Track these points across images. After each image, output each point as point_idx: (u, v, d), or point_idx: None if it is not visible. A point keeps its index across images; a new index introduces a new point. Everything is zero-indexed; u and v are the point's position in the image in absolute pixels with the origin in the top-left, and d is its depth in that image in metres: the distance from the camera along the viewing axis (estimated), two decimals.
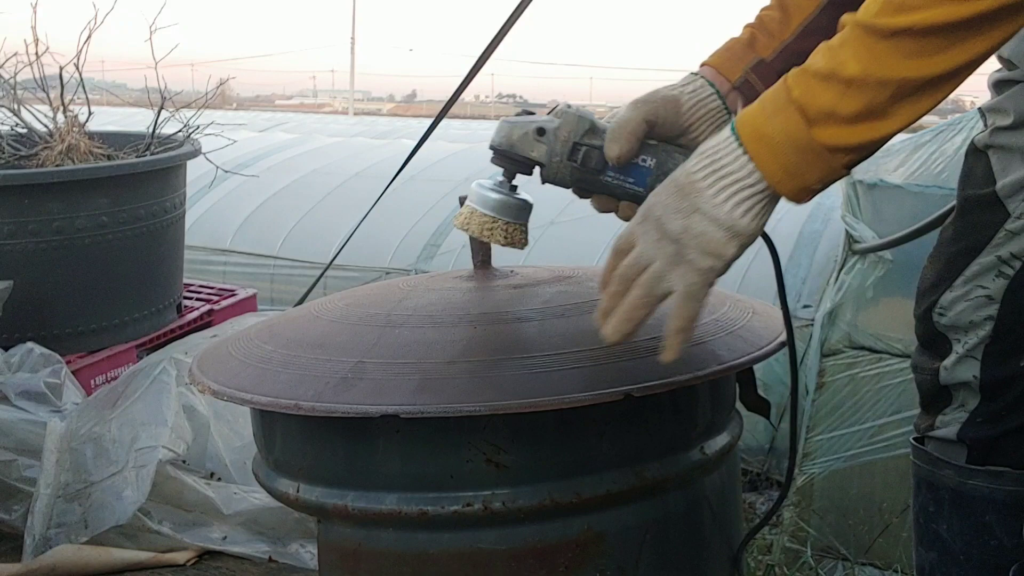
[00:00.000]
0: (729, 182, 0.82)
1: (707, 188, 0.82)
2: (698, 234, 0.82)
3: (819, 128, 0.79)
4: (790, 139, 0.79)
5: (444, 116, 2.17)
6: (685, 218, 0.82)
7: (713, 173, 0.82)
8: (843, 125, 0.78)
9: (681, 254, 0.82)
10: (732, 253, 0.83)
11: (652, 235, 0.84)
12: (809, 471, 3.13)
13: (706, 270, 0.83)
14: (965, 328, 1.20)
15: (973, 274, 1.19)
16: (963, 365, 1.21)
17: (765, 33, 1.11)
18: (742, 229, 0.82)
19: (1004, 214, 1.16)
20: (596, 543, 0.97)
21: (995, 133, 1.16)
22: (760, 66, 1.10)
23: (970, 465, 1.22)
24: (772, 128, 0.80)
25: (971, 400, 1.22)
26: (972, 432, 1.22)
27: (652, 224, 0.84)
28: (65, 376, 1.90)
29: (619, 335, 0.85)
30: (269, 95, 41.88)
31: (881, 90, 0.77)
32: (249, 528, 1.73)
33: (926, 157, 3.05)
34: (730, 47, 1.11)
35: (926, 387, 1.27)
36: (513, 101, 46.24)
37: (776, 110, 0.80)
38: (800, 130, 0.79)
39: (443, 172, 5.59)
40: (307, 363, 0.99)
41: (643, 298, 0.84)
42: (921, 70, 0.77)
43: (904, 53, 0.76)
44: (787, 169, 0.80)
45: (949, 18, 0.75)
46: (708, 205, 0.82)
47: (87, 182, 2.02)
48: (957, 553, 1.24)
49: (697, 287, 0.83)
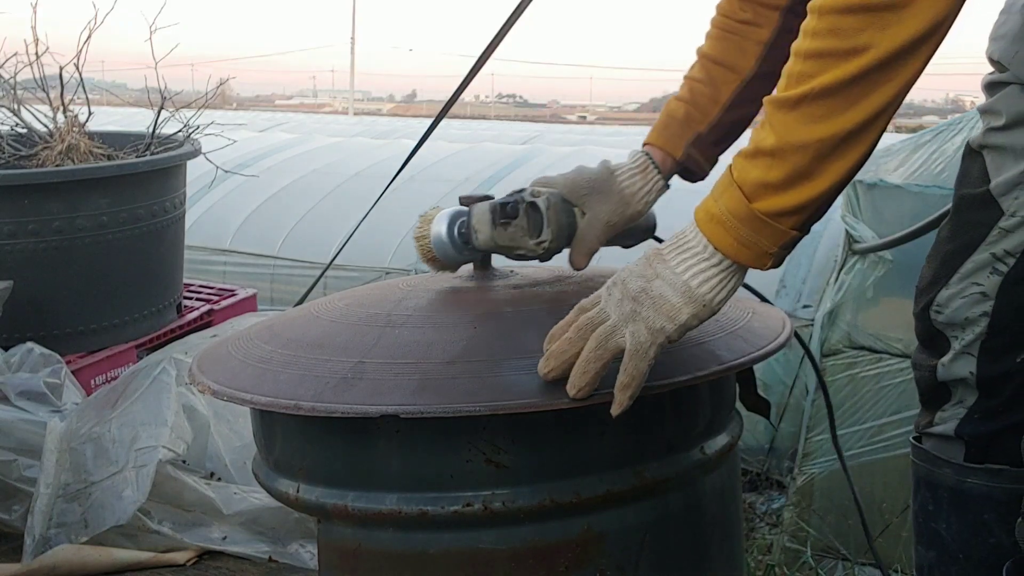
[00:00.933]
0: (690, 255, 0.88)
1: (671, 260, 0.89)
2: (656, 296, 0.87)
3: (757, 201, 0.85)
4: (735, 214, 0.86)
5: (444, 116, 2.16)
6: (647, 282, 0.88)
7: (676, 248, 0.89)
8: (776, 193, 0.85)
9: (637, 312, 0.87)
10: (685, 318, 0.87)
11: (615, 295, 0.89)
12: (809, 471, 3.13)
13: (657, 330, 0.87)
14: (962, 325, 1.21)
15: (968, 271, 1.20)
16: (960, 361, 1.22)
17: (697, 108, 1.20)
18: (697, 297, 0.87)
19: (998, 212, 1.17)
20: (596, 543, 0.97)
21: (988, 133, 1.18)
22: (698, 141, 1.20)
23: (968, 463, 1.23)
24: (719, 208, 0.87)
25: (969, 396, 1.23)
26: (970, 428, 1.22)
27: (618, 287, 0.90)
28: (65, 376, 1.90)
29: (576, 389, 0.88)
30: (269, 95, 41.89)
31: (802, 154, 0.83)
32: (249, 528, 1.73)
33: (926, 157, 3.05)
34: (668, 125, 1.21)
35: (925, 384, 1.28)
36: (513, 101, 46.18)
37: (722, 192, 0.88)
38: (742, 205, 0.86)
39: (443, 172, 5.59)
40: (307, 363, 0.99)
41: (596, 350, 0.87)
42: (831, 129, 0.83)
43: (812, 118, 0.83)
44: (740, 241, 0.87)
45: (840, 78, 0.81)
46: (669, 272, 0.88)
47: (87, 182, 2.02)
48: (956, 552, 1.25)
49: (646, 346, 0.87)
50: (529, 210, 1.09)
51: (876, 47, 0.80)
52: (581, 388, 0.87)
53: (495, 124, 12.77)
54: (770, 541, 3.22)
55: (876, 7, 0.79)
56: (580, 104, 50.52)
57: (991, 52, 1.21)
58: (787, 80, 0.84)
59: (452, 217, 1.12)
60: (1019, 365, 1.20)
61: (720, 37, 1.22)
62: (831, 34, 0.81)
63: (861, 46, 0.80)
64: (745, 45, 1.21)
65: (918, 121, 21.58)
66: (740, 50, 1.21)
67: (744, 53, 1.21)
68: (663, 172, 1.20)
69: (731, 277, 0.88)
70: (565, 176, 1.15)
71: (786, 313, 1.14)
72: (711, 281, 0.87)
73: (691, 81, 1.23)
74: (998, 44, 1.19)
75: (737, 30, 1.21)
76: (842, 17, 0.80)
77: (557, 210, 1.09)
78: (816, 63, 0.82)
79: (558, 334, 0.90)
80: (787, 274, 4.04)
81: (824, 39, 0.81)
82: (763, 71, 1.21)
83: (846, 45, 0.81)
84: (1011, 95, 1.17)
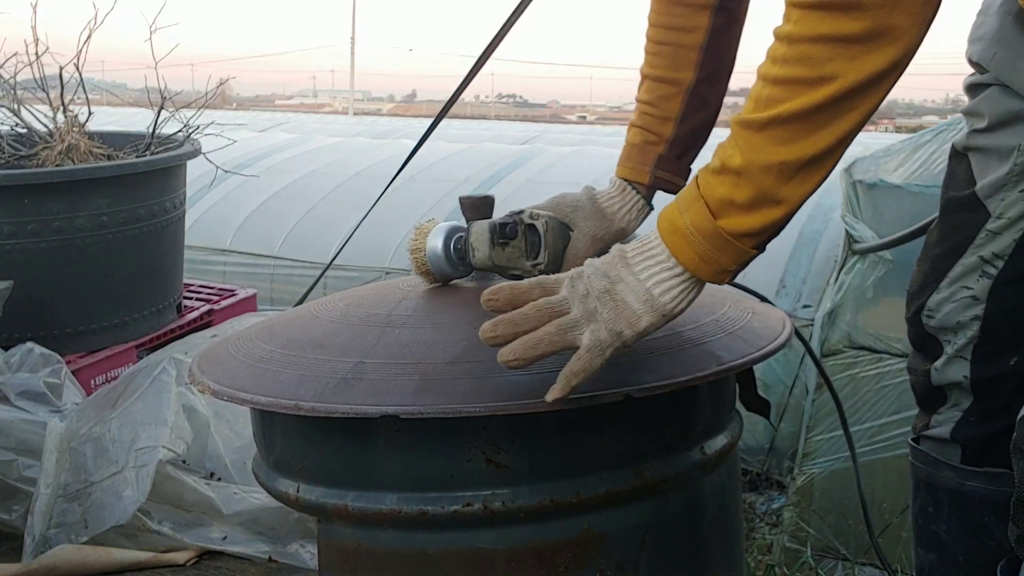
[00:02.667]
0: (653, 263, 0.89)
1: (635, 264, 0.89)
2: (619, 300, 0.88)
3: (723, 218, 0.86)
4: (700, 230, 0.87)
5: (444, 116, 2.16)
6: (610, 283, 0.89)
7: (641, 253, 0.90)
8: (742, 213, 0.86)
9: (599, 312, 0.88)
10: (644, 326, 0.88)
11: (580, 289, 0.89)
12: (809, 471, 3.13)
13: (616, 333, 0.88)
14: (953, 329, 1.21)
15: (957, 275, 1.20)
16: (953, 366, 1.22)
17: (651, 131, 1.23)
18: (659, 307, 0.88)
19: (985, 214, 1.17)
20: (596, 543, 0.98)
21: (972, 135, 1.19)
22: (661, 162, 1.22)
23: (965, 465, 1.23)
24: (684, 222, 0.88)
25: (964, 400, 1.23)
26: (966, 431, 1.22)
27: (583, 281, 0.90)
28: (65, 376, 1.90)
29: (516, 358, 0.87)
30: (269, 95, 41.92)
31: (766, 175, 0.85)
32: (249, 528, 1.73)
33: (926, 157, 3.05)
34: (630, 154, 1.23)
35: (920, 388, 1.28)
36: (513, 101, 46.20)
37: (687, 205, 0.88)
38: (707, 221, 0.87)
39: (443, 172, 5.59)
40: (307, 363, 0.99)
41: (553, 335, 0.87)
42: (796, 152, 0.84)
43: (778, 140, 0.84)
44: (702, 256, 0.88)
45: (807, 105, 0.83)
46: (632, 278, 0.89)
47: (87, 182, 2.02)
48: (956, 554, 1.25)
49: (604, 346, 0.87)
50: (527, 232, 1.10)
51: (843, 77, 0.82)
52: (520, 360, 0.87)
53: (495, 124, 12.77)
54: (770, 541, 3.22)
55: (846, 39, 0.81)
56: (580, 104, 50.50)
57: (970, 54, 1.21)
58: (755, 103, 0.85)
59: (448, 233, 1.12)
60: (1013, 368, 1.20)
61: (656, 51, 1.23)
62: (800, 62, 0.83)
63: (829, 75, 0.82)
64: (681, 54, 1.21)
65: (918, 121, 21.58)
66: (677, 60, 1.21)
67: (682, 62, 1.21)
68: (642, 195, 1.22)
69: (692, 288, 0.89)
70: (549, 200, 1.17)
71: (786, 313, 1.14)
72: (673, 291, 0.88)
73: (640, 104, 1.25)
74: (977, 46, 1.20)
75: (671, 39, 1.22)
76: (812, 46, 0.82)
77: (555, 234, 1.11)
78: (785, 89, 0.83)
79: (507, 293, 0.90)
80: (787, 274, 4.04)
81: (793, 66, 0.83)
82: (704, 76, 1.22)
83: (814, 73, 0.82)
84: (992, 96, 1.17)
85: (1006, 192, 1.15)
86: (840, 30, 0.81)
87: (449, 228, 1.13)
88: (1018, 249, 1.16)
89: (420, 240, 1.14)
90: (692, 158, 1.26)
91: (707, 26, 1.21)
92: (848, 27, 0.80)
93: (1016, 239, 1.16)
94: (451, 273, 1.13)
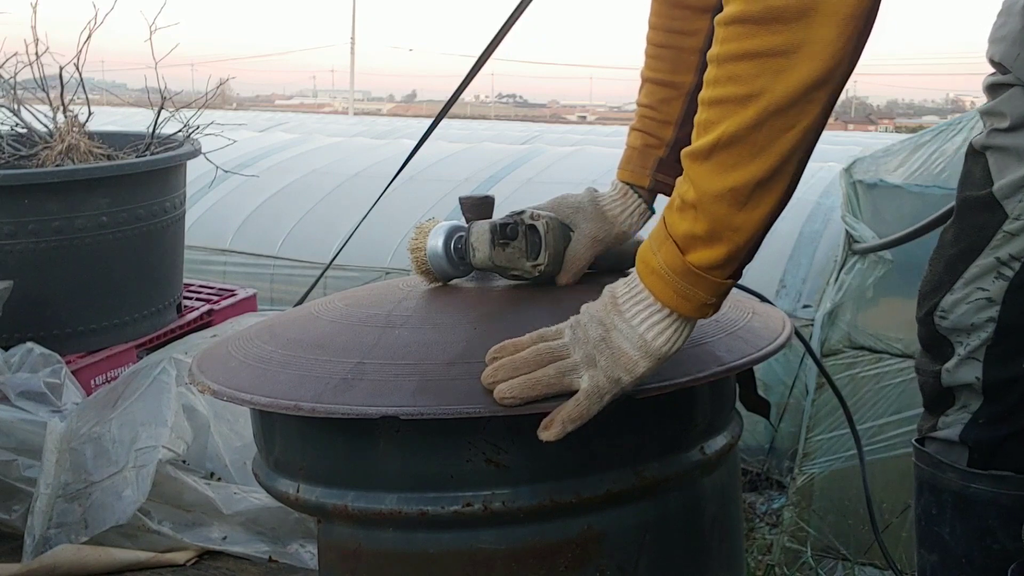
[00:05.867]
0: (643, 307, 0.89)
1: (626, 311, 0.90)
2: (615, 348, 0.88)
3: (690, 253, 0.86)
4: (672, 268, 0.87)
5: (444, 116, 2.17)
6: (606, 331, 0.89)
7: (632, 298, 0.90)
8: (705, 246, 0.86)
9: (596, 359, 0.89)
10: (642, 371, 0.88)
11: (579, 336, 0.90)
12: (809, 471, 3.13)
13: (615, 380, 0.88)
14: (967, 330, 1.21)
15: (972, 276, 1.19)
16: (965, 367, 1.21)
17: (652, 134, 1.22)
18: (654, 351, 0.88)
19: (1002, 215, 1.17)
20: (596, 543, 0.98)
21: (992, 135, 1.18)
22: (661, 165, 1.21)
23: (972, 468, 1.22)
24: (657, 262, 0.88)
25: (974, 402, 1.22)
26: (975, 434, 1.22)
27: (580, 329, 0.91)
28: (65, 376, 1.90)
29: (512, 396, 0.88)
30: (269, 95, 41.91)
31: (719, 205, 0.84)
32: (249, 528, 1.73)
33: (926, 157, 3.05)
34: (630, 157, 1.23)
35: (928, 389, 1.27)
36: (513, 101, 46.17)
37: (659, 245, 0.89)
38: (677, 259, 0.87)
39: (443, 172, 5.59)
40: (307, 364, 0.99)
41: (553, 377, 0.88)
42: (743, 177, 0.83)
43: (723, 167, 0.83)
44: (679, 294, 0.88)
45: (742, 124, 0.82)
46: (625, 325, 0.89)
47: (87, 182, 2.02)
48: (959, 556, 1.24)
49: (602, 391, 0.88)
50: (528, 232, 1.10)
51: (771, 91, 0.81)
52: (515, 398, 0.88)
53: (495, 124, 12.76)
54: (770, 541, 3.22)
55: (768, 53, 0.81)
56: (580, 104, 50.51)
57: (992, 54, 1.21)
58: (697, 130, 0.85)
59: (449, 232, 1.12)
60: None
61: (657, 55, 1.23)
62: (730, 81, 0.83)
63: (757, 91, 0.81)
64: (682, 57, 1.21)
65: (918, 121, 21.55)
66: (678, 64, 1.21)
67: (682, 66, 1.21)
68: (643, 199, 1.22)
69: (683, 328, 0.89)
70: (550, 201, 1.17)
71: (786, 313, 1.14)
72: (665, 334, 0.88)
73: (641, 108, 1.25)
74: (999, 46, 1.19)
75: (672, 43, 1.22)
76: (738, 64, 0.82)
77: (556, 235, 1.11)
78: (718, 110, 0.83)
79: (509, 349, 0.91)
80: (787, 274, 4.04)
81: (724, 86, 0.83)
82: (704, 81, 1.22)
83: (743, 91, 0.82)
84: (1015, 97, 1.17)
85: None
86: (762, 45, 0.80)
87: (449, 228, 1.13)
88: None
89: (420, 239, 1.14)
90: None
91: (708, 30, 1.21)
92: (769, 41, 0.80)
93: None
94: (451, 273, 1.13)
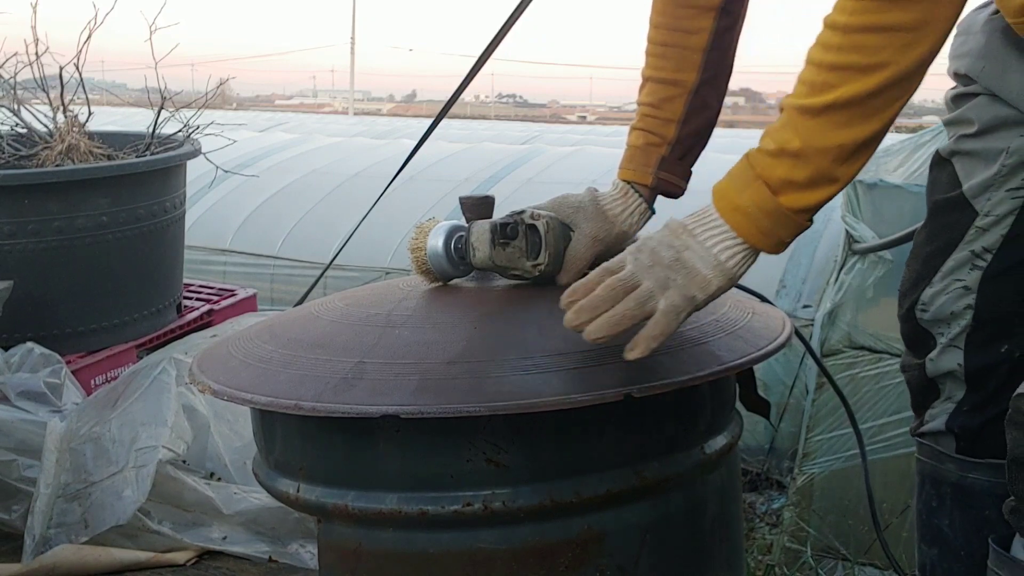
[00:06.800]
0: (716, 232, 0.95)
1: (699, 234, 0.95)
2: (689, 267, 0.94)
3: (783, 195, 0.93)
4: (760, 208, 0.94)
5: (444, 116, 2.17)
6: (677, 252, 0.94)
7: (703, 224, 0.96)
8: (801, 191, 0.93)
9: (671, 279, 0.93)
10: (714, 289, 0.94)
11: (645, 261, 0.94)
12: (809, 471, 3.12)
13: (690, 298, 0.93)
14: (947, 320, 1.26)
15: (949, 269, 1.26)
16: (947, 355, 1.26)
17: (654, 133, 1.24)
18: (726, 270, 0.94)
19: (973, 213, 1.24)
20: (596, 543, 0.98)
21: (960, 140, 1.26)
22: (663, 163, 1.24)
23: (961, 456, 1.25)
24: (744, 200, 0.94)
25: (957, 391, 1.27)
26: (960, 421, 1.26)
27: (646, 253, 0.95)
28: (65, 376, 1.90)
29: (601, 334, 0.92)
30: (269, 95, 41.95)
31: (823, 157, 0.92)
32: (249, 528, 1.73)
33: (926, 157, 3.04)
34: (632, 156, 1.25)
35: (916, 383, 1.32)
36: (513, 101, 46.22)
37: (744, 185, 0.95)
38: (768, 199, 0.93)
39: (443, 172, 5.59)
40: (307, 363, 0.99)
41: (633, 310, 0.92)
42: (851, 136, 0.91)
43: (836, 124, 0.91)
44: (762, 231, 0.94)
45: (861, 91, 0.90)
46: (698, 245, 0.95)
47: (87, 182, 2.02)
48: (958, 549, 1.26)
49: (679, 309, 0.93)
50: (528, 232, 1.10)
51: (896, 64, 0.89)
52: (606, 336, 0.92)
53: (495, 124, 12.75)
54: (770, 541, 3.22)
55: (897, 28, 0.89)
56: (580, 104, 50.47)
57: (956, 68, 1.27)
58: (809, 88, 0.92)
59: (449, 232, 1.12)
60: (1004, 355, 1.24)
61: (659, 53, 1.24)
62: (855, 50, 0.90)
63: (883, 62, 0.89)
64: (685, 56, 1.23)
65: (918, 121, 21.59)
66: (681, 63, 1.23)
67: (686, 65, 1.23)
68: (643, 198, 1.23)
69: (752, 254, 0.95)
70: (551, 201, 1.18)
71: (786, 313, 1.15)
72: (736, 256, 0.94)
73: (643, 106, 1.26)
74: (963, 61, 1.25)
75: (675, 41, 1.23)
76: (866, 35, 0.89)
77: (556, 235, 1.11)
78: (838, 75, 0.90)
79: (581, 291, 0.94)
80: (787, 274, 4.04)
81: (848, 54, 0.90)
82: (706, 78, 1.24)
83: (869, 61, 0.89)
84: (981, 104, 1.22)
85: (992, 192, 1.21)
86: (893, 20, 0.88)
87: (450, 227, 1.13)
88: (1005, 243, 1.22)
89: (421, 239, 1.14)
90: (694, 160, 1.27)
91: (711, 28, 1.22)
92: (900, 18, 0.88)
93: (1003, 234, 1.22)
94: (451, 272, 1.13)
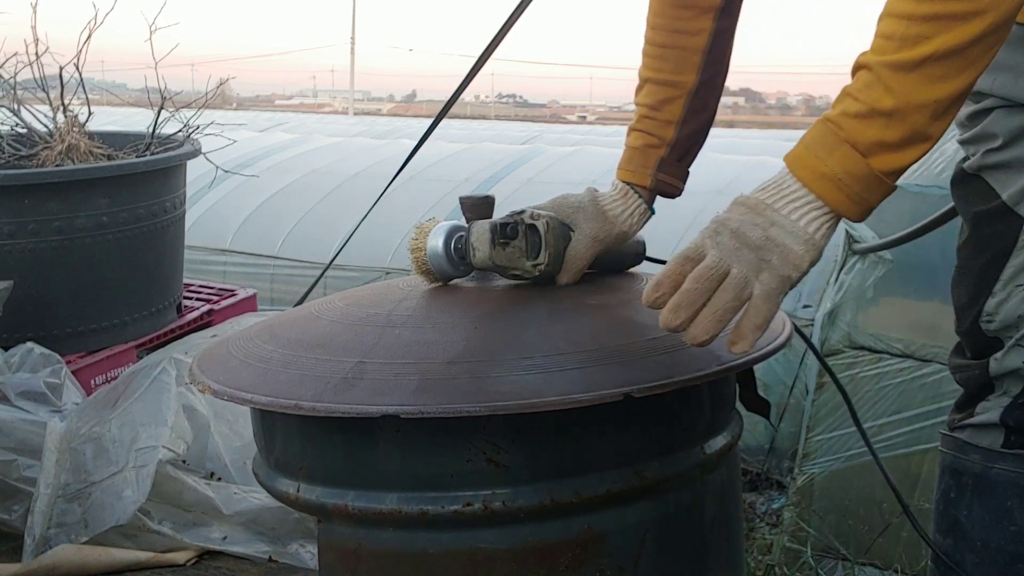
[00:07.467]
0: (801, 203, 0.91)
1: (782, 208, 0.91)
2: (780, 244, 0.89)
3: (874, 158, 0.89)
4: (850, 173, 0.89)
5: (444, 116, 2.17)
6: (764, 231, 0.90)
7: (784, 197, 0.91)
8: (893, 152, 0.89)
9: (765, 260, 0.89)
10: (806, 265, 0.90)
11: (729, 244, 0.90)
12: (809, 471, 3.13)
13: (786, 278, 0.89)
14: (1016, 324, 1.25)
15: (1009, 276, 1.24)
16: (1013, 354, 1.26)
17: (653, 134, 1.23)
18: (815, 243, 0.90)
19: (1019, 219, 1.21)
20: (596, 543, 0.97)
21: (987, 155, 1.24)
22: (662, 164, 1.23)
23: (1002, 449, 1.25)
24: (830, 167, 0.90)
25: (1015, 387, 1.26)
26: (1016, 414, 1.25)
27: (728, 235, 0.90)
28: (65, 376, 1.90)
29: (709, 335, 0.89)
30: (269, 95, 41.95)
31: (921, 114, 0.87)
32: (249, 528, 1.73)
33: (926, 157, 3.05)
34: (631, 158, 1.24)
35: (974, 382, 1.30)
36: (513, 101, 46.23)
37: (829, 151, 0.90)
38: (859, 163, 0.89)
39: (443, 172, 5.60)
40: (307, 363, 0.99)
41: (732, 301, 0.89)
42: (949, 89, 0.87)
43: (933, 78, 0.87)
44: (852, 198, 0.90)
45: (961, 40, 0.86)
46: (785, 220, 0.90)
47: (87, 182, 2.02)
48: (974, 539, 1.26)
49: (777, 291, 0.89)
50: (528, 232, 1.10)
51: (996, 9, 0.86)
52: (712, 335, 0.89)
53: (495, 124, 12.77)
54: (770, 541, 3.23)
55: None
56: (580, 104, 50.51)
57: None
58: (900, 42, 0.87)
59: (449, 232, 1.12)
60: None
61: (658, 55, 1.23)
62: None
63: (982, 8, 0.85)
64: (684, 57, 1.22)
65: None
66: (680, 64, 1.22)
67: (685, 66, 1.22)
68: (643, 199, 1.23)
69: (835, 223, 0.92)
70: (551, 201, 1.17)
71: (786, 313, 1.14)
72: (824, 227, 0.91)
73: (641, 108, 1.25)
74: None
75: (674, 43, 1.22)
76: None
77: (556, 234, 1.11)
78: (934, 25, 0.86)
79: (667, 285, 0.90)
80: None
81: (944, 2, 0.86)
82: (705, 79, 1.23)
83: (968, 8, 0.85)
84: (999, 117, 1.21)
85: None
86: None
87: (450, 227, 1.13)
88: None
89: (420, 239, 1.14)
90: (691, 160, 1.27)
91: (711, 29, 1.22)
92: None
93: None
94: (451, 272, 1.13)
